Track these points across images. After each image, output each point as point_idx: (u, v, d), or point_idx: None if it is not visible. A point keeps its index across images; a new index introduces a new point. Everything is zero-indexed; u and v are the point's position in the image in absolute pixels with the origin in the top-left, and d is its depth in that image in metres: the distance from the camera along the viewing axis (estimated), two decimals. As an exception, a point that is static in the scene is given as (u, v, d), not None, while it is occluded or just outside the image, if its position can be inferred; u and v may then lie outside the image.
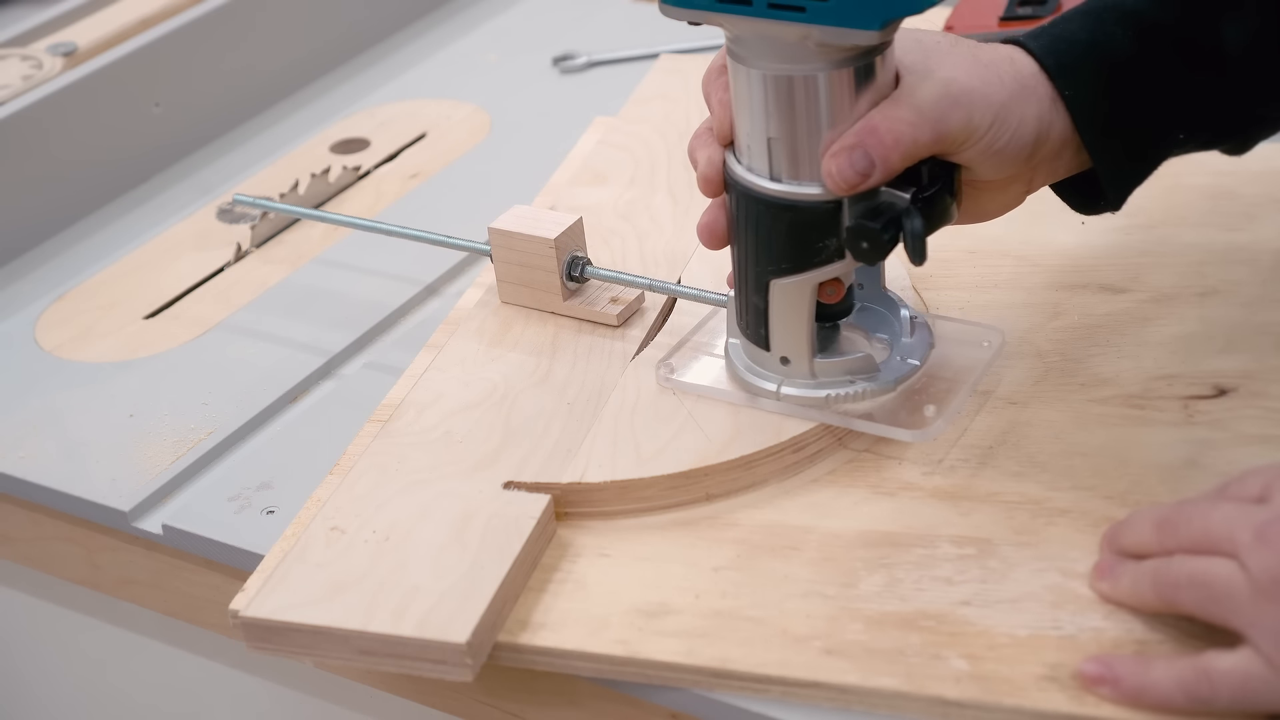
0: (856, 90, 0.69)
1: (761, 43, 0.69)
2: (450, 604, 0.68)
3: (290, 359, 0.93)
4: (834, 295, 0.75)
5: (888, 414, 0.76)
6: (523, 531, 0.72)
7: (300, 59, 1.28)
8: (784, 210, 0.72)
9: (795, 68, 0.69)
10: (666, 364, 0.81)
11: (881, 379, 0.77)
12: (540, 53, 1.27)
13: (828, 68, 0.69)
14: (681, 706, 0.68)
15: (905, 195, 0.69)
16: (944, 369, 0.78)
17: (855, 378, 0.76)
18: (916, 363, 0.77)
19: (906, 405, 0.76)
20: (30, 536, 0.90)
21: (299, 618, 0.69)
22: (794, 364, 0.76)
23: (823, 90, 0.69)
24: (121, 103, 1.15)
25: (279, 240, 1.06)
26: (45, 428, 0.91)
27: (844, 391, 0.76)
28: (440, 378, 0.83)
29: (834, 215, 0.71)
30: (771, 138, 0.71)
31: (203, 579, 0.83)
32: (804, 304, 0.74)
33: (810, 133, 0.70)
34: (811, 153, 0.71)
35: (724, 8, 0.68)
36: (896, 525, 0.72)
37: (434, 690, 0.75)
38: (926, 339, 0.79)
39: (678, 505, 0.75)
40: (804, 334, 0.75)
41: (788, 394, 0.77)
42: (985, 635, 0.65)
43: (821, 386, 0.76)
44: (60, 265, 1.08)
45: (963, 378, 0.77)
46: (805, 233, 0.72)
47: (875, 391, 0.76)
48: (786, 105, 0.70)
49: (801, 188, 0.71)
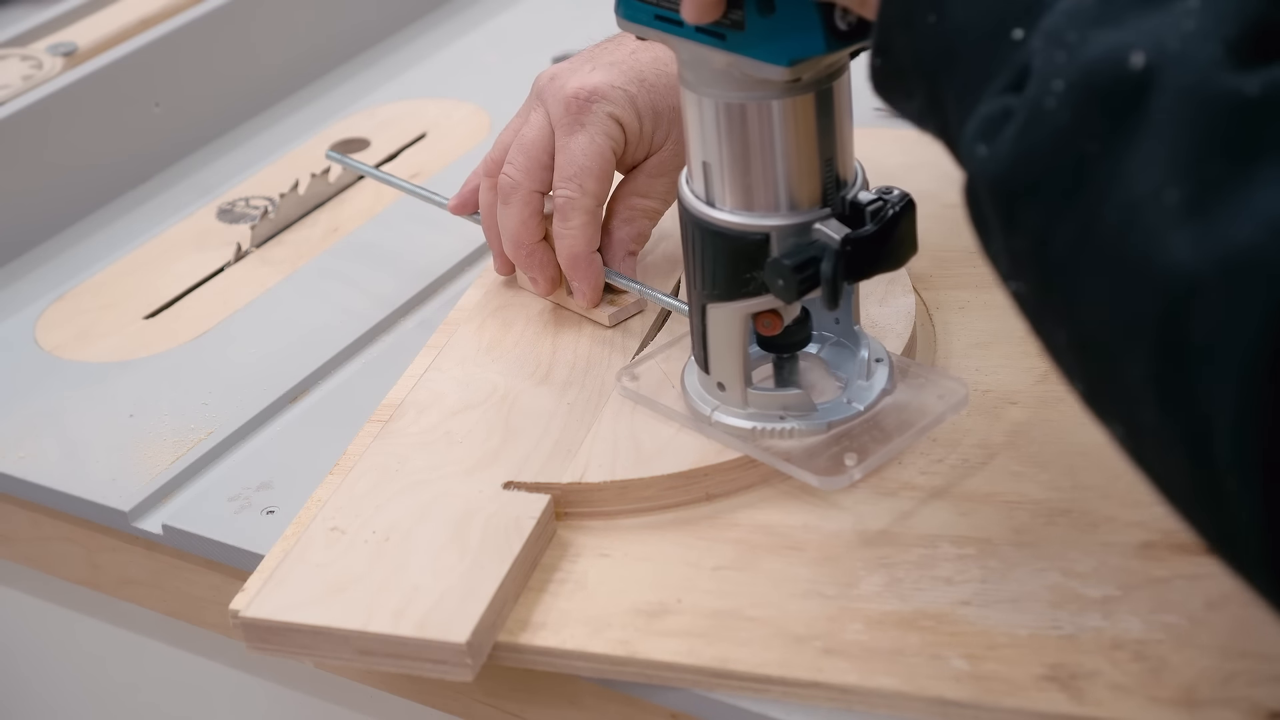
0: (778, 127, 0.69)
1: (700, 66, 0.70)
2: (450, 604, 0.68)
3: (290, 359, 0.93)
4: (771, 328, 0.74)
5: (807, 455, 0.74)
6: (523, 531, 0.72)
7: (300, 59, 1.28)
8: (715, 236, 0.72)
9: (726, 94, 0.69)
10: (630, 372, 0.80)
11: (815, 419, 0.75)
12: (540, 53, 1.27)
13: (756, 98, 0.69)
14: (681, 706, 0.68)
15: (837, 237, 0.69)
16: (889, 418, 0.75)
17: (788, 414, 0.75)
18: (860, 407, 0.75)
19: (831, 449, 0.74)
20: (30, 536, 0.90)
21: (299, 618, 0.69)
22: (729, 391, 0.75)
23: (751, 120, 0.69)
24: (121, 103, 1.15)
25: (279, 240, 1.06)
26: (45, 428, 0.91)
27: (772, 426, 0.75)
28: (440, 378, 0.83)
29: (762, 247, 0.71)
30: (706, 162, 0.72)
31: (203, 579, 0.83)
32: (736, 332, 0.74)
33: (738, 161, 0.70)
34: (741, 182, 0.71)
35: (661, 25, 0.69)
36: (896, 525, 0.72)
37: (434, 690, 0.75)
38: (882, 384, 0.76)
39: (678, 505, 0.75)
40: (737, 362, 0.74)
41: (719, 420, 0.76)
42: (985, 635, 0.65)
43: (752, 418, 0.75)
44: (60, 265, 1.08)
45: (902, 430, 0.74)
46: (735, 261, 0.72)
47: (805, 431, 0.74)
48: (718, 131, 0.70)
49: (733, 216, 0.71)
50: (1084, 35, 0.53)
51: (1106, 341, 0.52)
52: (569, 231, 0.84)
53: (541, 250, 0.86)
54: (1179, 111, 0.50)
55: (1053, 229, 0.53)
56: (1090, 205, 0.52)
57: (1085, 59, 0.53)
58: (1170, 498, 0.54)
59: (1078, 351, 0.55)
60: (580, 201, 0.84)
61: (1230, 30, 0.51)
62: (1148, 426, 0.52)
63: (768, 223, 0.71)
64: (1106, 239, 0.52)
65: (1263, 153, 0.48)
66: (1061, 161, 0.53)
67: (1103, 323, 0.52)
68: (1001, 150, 0.55)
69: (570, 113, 0.83)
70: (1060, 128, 0.53)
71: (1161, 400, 0.50)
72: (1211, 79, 0.49)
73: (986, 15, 0.57)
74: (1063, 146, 0.53)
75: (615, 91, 0.84)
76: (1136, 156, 0.51)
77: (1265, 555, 0.49)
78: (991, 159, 0.55)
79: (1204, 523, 0.53)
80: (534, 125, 0.85)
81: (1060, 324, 0.55)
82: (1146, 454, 0.54)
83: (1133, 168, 0.51)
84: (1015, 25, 0.56)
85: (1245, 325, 0.47)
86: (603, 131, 0.83)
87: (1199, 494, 0.51)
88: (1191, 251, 0.48)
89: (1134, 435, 0.54)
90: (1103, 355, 0.53)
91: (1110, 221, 0.51)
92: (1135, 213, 0.51)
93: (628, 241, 0.87)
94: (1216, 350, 0.48)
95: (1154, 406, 0.51)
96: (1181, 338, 0.49)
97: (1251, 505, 0.48)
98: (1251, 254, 0.47)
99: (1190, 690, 0.62)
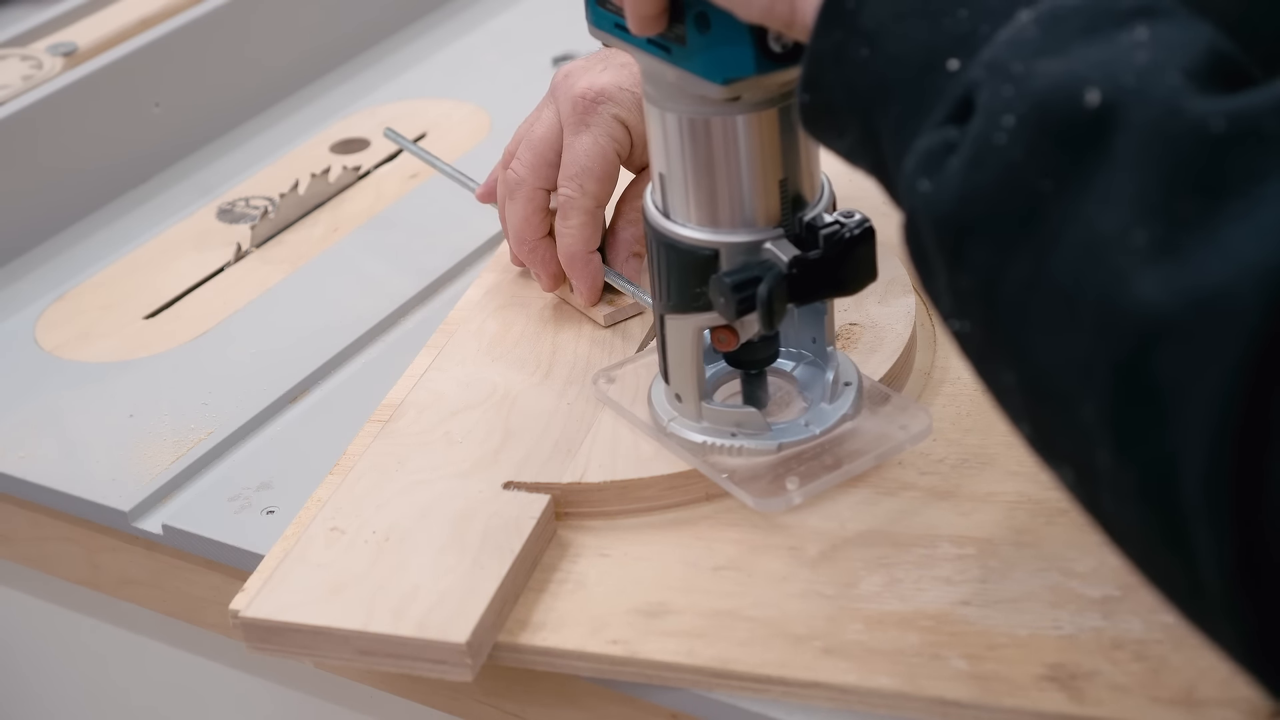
0: (722, 145, 0.69)
1: (655, 78, 0.70)
2: (450, 604, 0.68)
3: (290, 359, 0.93)
4: (726, 344, 0.73)
5: (750, 474, 0.73)
6: (523, 531, 0.72)
7: (300, 59, 1.28)
8: (668, 248, 0.72)
9: (678, 107, 0.69)
10: (607, 374, 0.80)
11: (767, 438, 0.74)
12: (540, 53, 1.27)
13: (704, 114, 0.68)
14: (681, 706, 0.68)
15: (785, 258, 0.68)
16: (845, 444, 0.74)
17: (740, 431, 0.74)
18: (815, 431, 0.74)
19: (775, 471, 0.73)
20: (30, 536, 0.90)
21: (299, 618, 0.69)
22: (685, 403, 0.75)
23: (699, 135, 0.69)
24: (121, 103, 1.15)
25: (279, 240, 1.06)
26: (45, 428, 0.91)
27: (722, 442, 0.74)
28: (440, 378, 0.83)
29: (711, 263, 0.70)
30: (662, 173, 0.72)
31: (203, 579, 0.83)
32: (688, 345, 0.73)
33: (689, 175, 0.70)
34: (693, 196, 0.70)
35: (621, 35, 0.69)
36: (896, 525, 0.72)
37: (434, 690, 0.75)
38: (845, 409, 0.75)
39: (678, 505, 0.75)
40: (691, 375, 0.74)
41: (674, 431, 0.75)
42: (985, 635, 0.65)
43: (705, 432, 0.74)
44: (60, 265, 1.08)
45: (854, 458, 0.73)
46: (685, 275, 0.71)
47: (753, 450, 0.74)
48: (670, 144, 0.70)
49: (684, 229, 0.71)
50: (1030, 67, 0.52)
51: (1060, 382, 0.51)
52: (567, 230, 0.84)
53: (544, 247, 0.86)
54: (1145, 149, 0.48)
55: (1003, 268, 0.52)
56: (1044, 244, 0.50)
57: (1035, 92, 0.51)
58: (1122, 544, 0.52)
59: (1027, 393, 0.53)
60: (579, 201, 0.84)
61: (1186, 61, 0.50)
62: (1102, 470, 0.50)
63: (717, 238, 0.70)
64: (1063, 278, 0.50)
65: (1233, 187, 0.47)
66: (1013, 199, 0.51)
67: (1057, 363, 0.50)
68: (947, 185, 0.53)
69: (577, 112, 0.84)
70: (1012, 163, 0.51)
71: (1120, 443, 0.49)
72: (1176, 114, 0.48)
73: (920, 47, 0.56)
74: (1015, 183, 0.51)
75: (622, 93, 0.84)
76: (1097, 194, 0.49)
77: (1229, 605, 0.47)
78: (936, 194, 0.53)
79: (1160, 570, 0.51)
80: (543, 122, 0.86)
81: (1009, 364, 0.53)
82: (1099, 498, 0.52)
83: (1093, 206, 0.49)
84: (950, 56, 0.55)
85: (1218, 367, 0.45)
86: (606, 133, 0.83)
87: (1157, 540, 0.49)
88: (1161, 292, 0.47)
89: (1085, 479, 0.52)
90: (1055, 396, 0.51)
91: (1067, 260, 0.50)
92: (1097, 251, 0.49)
93: (631, 243, 0.87)
94: (1186, 392, 0.46)
95: (1110, 449, 0.49)
96: (1146, 379, 0.47)
97: (1219, 554, 0.46)
98: (1225, 294, 0.45)
99: (1190, 690, 0.62)
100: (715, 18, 0.64)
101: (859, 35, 0.57)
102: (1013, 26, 0.54)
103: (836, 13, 0.58)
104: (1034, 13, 0.54)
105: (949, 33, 0.55)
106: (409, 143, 1.03)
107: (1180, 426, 0.47)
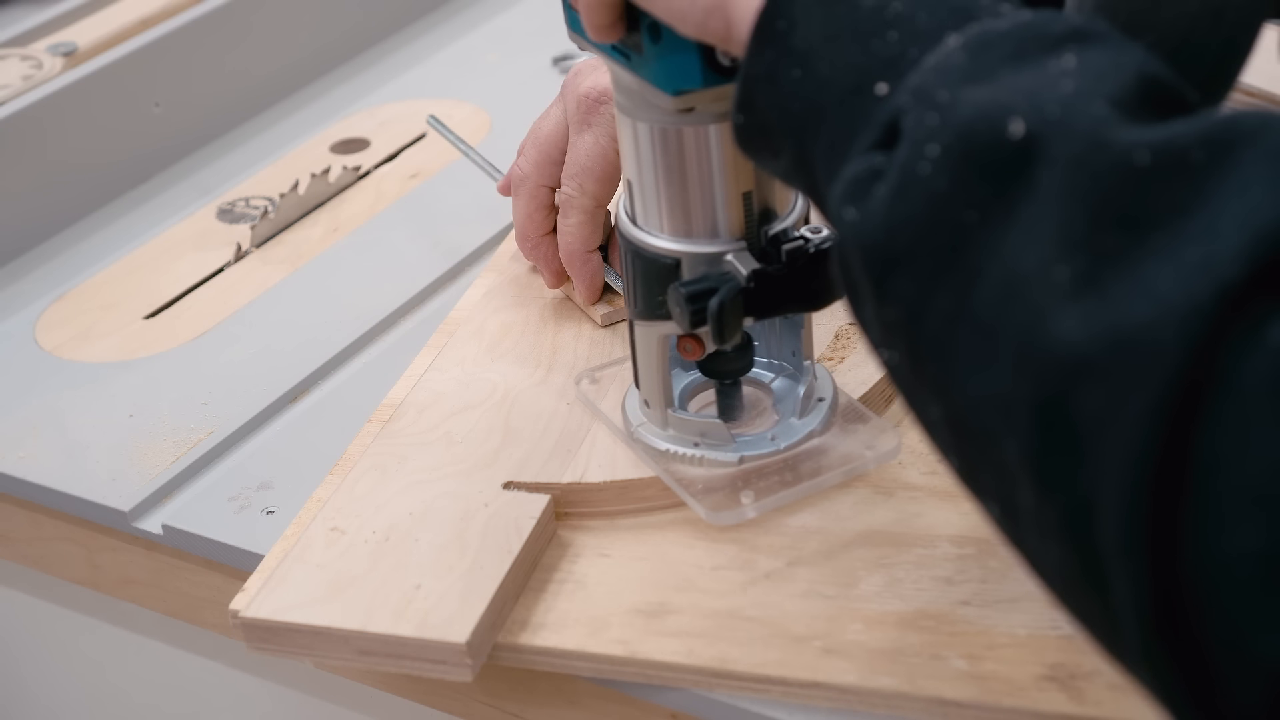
0: (684, 155, 0.69)
1: (621, 85, 0.70)
2: (450, 604, 0.68)
3: (290, 359, 0.93)
4: (692, 353, 0.72)
5: (707, 486, 0.73)
6: (523, 531, 0.72)
7: (300, 59, 1.28)
8: (634, 255, 0.72)
9: (643, 115, 0.69)
10: (591, 375, 0.80)
11: (729, 450, 0.73)
12: (540, 53, 1.27)
13: (665, 123, 0.68)
14: (681, 706, 0.68)
15: (744, 271, 0.68)
16: (807, 460, 0.74)
17: (703, 441, 0.74)
18: (780, 445, 0.74)
19: (734, 484, 0.73)
20: (30, 536, 0.90)
21: (299, 618, 0.69)
22: (652, 410, 0.75)
23: (657, 144, 0.69)
24: (121, 103, 1.15)
25: (279, 240, 1.06)
26: (45, 428, 0.91)
27: (685, 451, 0.74)
28: (440, 378, 0.83)
29: (672, 272, 0.70)
30: (629, 180, 0.72)
31: (203, 579, 0.83)
32: (653, 352, 0.73)
33: (652, 184, 0.70)
34: (655, 204, 0.70)
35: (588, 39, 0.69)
36: (896, 525, 0.72)
37: (434, 690, 0.75)
38: (813, 425, 0.75)
39: (678, 505, 0.75)
40: (656, 383, 0.74)
41: (639, 437, 0.75)
42: (985, 635, 0.65)
43: (669, 440, 0.74)
44: (60, 265, 1.08)
45: (815, 475, 0.73)
46: (649, 282, 0.71)
47: (714, 461, 0.73)
48: (636, 151, 0.70)
49: (648, 236, 0.71)
50: (955, 95, 0.51)
51: (982, 419, 0.49)
52: (566, 228, 0.85)
53: (547, 244, 0.87)
54: (1068, 182, 0.47)
55: (927, 300, 0.51)
56: (968, 277, 0.49)
57: (960, 121, 0.50)
58: (1046, 581, 0.51)
59: (952, 428, 0.52)
60: (579, 200, 0.84)
61: (1114, 89, 0.48)
62: (1025, 507, 0.49)
63: (679, 248, 0.70)
64: (985, 313, 0.48)
65: (1156, 221, 0.45)
66: (937, 231, 0.50)
67: (979, 399, 0.49)
68: (872, 215, 0.52)
69: (581, 111, 0.84)
70: (936, 194, 0.50)
71: (1040, 482, 0.47)
72: (1100, 146, 0.47)
73: (850, 69, 0.55)
74: (939, 215, 0.50)
75: None
76: (1019, 228, 0.48)
77: (1144, 645, 0.46)
78: (862, 224, 0.52)
79: (1081, 607, 0.50)
80: (550, 120, 0.86)
81: (934, 398, 0.52)
82: (1023, 535, 0.51)
83: (1015, 240, 0.48)
84: (879, 79, 0.54)
85: (1137, 409, 0.44)
86: (607, 133, 0.83)
87: (1077, 579, 0.48)
88: (1081, 331, 0.45)
89: (1010, 515, 0.51)
90: (978, 432, 0.50)
91: (989, 295, 0.48)
92: (1018, 287, 0.48)
93: None
94: (1105, 432, 0.45)
95: (1032, 488, 0.48)
96: (1065, 418, 0.46)
97: (1136, 599, 0.45)
98: (1145, 334, 0.44)
99: (1190, 690, 0.62)
100: (665, 29, 0.63)
101: (791, 56, 0.56)
102: (940, 52, 0.53)
103: (769, 33, 0.57)
104: (962, 38, 0.52)
105: (878, 55, 0.54)
106: (450, 132, 1.03)
107: (1098, 468, 0.45)
